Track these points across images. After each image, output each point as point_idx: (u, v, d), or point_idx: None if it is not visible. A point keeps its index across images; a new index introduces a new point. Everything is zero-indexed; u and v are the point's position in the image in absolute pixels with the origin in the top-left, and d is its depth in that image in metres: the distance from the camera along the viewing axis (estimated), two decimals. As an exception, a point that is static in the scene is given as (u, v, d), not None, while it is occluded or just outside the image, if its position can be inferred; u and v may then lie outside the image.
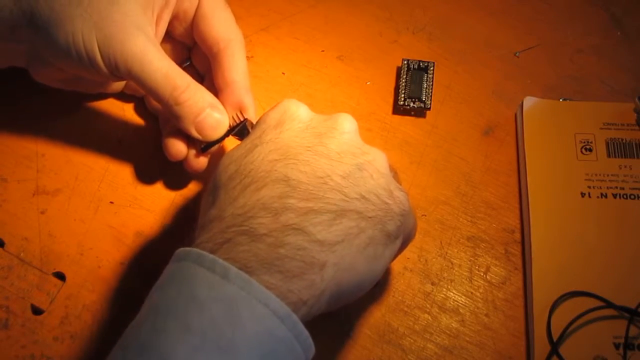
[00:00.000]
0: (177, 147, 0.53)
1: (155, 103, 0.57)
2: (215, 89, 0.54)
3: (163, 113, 0.57)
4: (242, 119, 0.52)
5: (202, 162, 0.54)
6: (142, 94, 0.59)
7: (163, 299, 0.39)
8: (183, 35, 0.55)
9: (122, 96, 0.60)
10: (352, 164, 0.43)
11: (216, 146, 0.52)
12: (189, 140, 0.53)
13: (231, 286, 0.37)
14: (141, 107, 0.60)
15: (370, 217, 0.42)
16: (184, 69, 0.52)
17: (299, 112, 0.46)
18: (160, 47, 0.49)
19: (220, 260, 0.38)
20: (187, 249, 0.40)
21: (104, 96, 0.60)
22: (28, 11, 0.47)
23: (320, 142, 0.44)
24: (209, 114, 0.51)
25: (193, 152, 0.53)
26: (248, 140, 0.45)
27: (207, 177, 0.56)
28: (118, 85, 0.59)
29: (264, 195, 0.41)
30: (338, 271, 0.41)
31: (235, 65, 0.53)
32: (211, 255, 0.38)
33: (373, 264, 0.43)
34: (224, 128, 0.52)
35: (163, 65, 0.48)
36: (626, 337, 0.50)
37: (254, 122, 0.51)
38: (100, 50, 0.47)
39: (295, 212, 0.40)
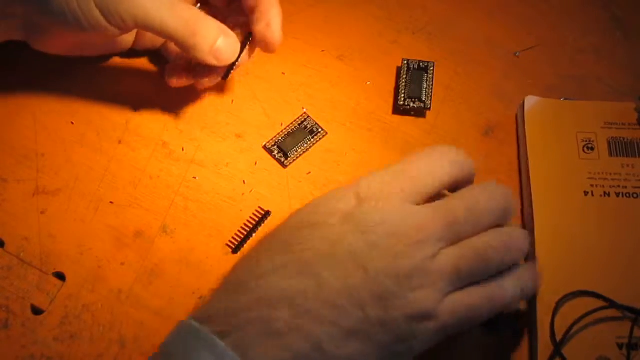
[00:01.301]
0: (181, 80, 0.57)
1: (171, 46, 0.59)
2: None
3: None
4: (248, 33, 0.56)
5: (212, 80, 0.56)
6: (154, 47, 0.60)
7: None
8: None
9: (122, 96, 0.60)
10: (387, 288, 0.41)
11: (235, 69, 0.56)
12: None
13: None
14: (141, 107, 0.60)
15: (380, 343, 0.41)
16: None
17: (379, 207, 0.43)
18: None
19: (230, 353, 0.38)
20: (197, 326, 0.40)
21: (109, 57, 0.61)
22: None
23: (367, 254, 0.41)
24: (223, 41, 0.52)
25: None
26: (321, 208, 0.44)
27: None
28: (126, 43, 0.59)
29: (293, 285, 0.40)
30: None
31: None
32: (221, 344, 0.39)
33: None
34: (237, 49, 0.54)
35: (170, 4, 0.49)
36: (630, 337, 0.50)
37: (278, 36, 0.55)
38: (101, 10, 0.47)
39: (314, 318, 0.40)
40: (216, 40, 0.52)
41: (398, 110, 0.61)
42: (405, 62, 0.62)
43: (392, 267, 0.41)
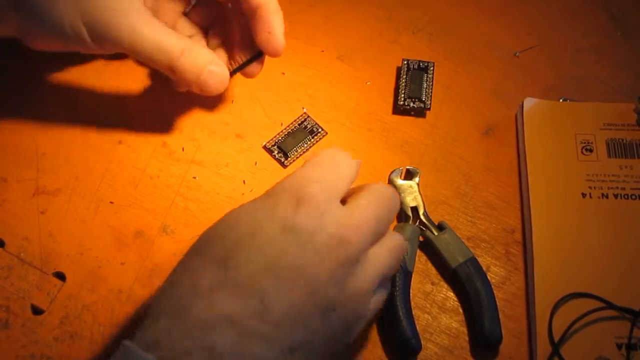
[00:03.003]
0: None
1: None
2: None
3: None
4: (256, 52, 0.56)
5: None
6: None
7: None
8: None
9: (122, 96, 0.60)
10: (330, 300, 0.41)
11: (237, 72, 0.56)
12: None
13: None
14: (141, 106, 0.60)
15: (319, 350, 0.41)
16: (193, 7, 0.54)
17: (315, 211, 0.42)
18: (149, 16, 0.49)
19: None
20: (141, 353, 0.38)
21: (109, 57, 0.61)
22: None
23: (312, 266, 0.41)
24: (209, 72, 0.51)
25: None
26: (253, 216, 0.42)
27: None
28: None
29: (236, 306, 0.39)
30: None
31: None
32: None
33: None
34: (226, 80, 0.53)
35: (154, 37, 0.49)
36: (630, 337, 0.50)
37: (281, 43, 0.54)
38: (89, 32, 0.47)
39: (258, 338, 0.39)
40: (202, 72, 0.51)
41: (398, 110, 0.61)
42: (405, 62, 0.62)
43: (336, 276, 0.41)
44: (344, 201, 0.44)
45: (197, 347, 0.38)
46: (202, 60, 0.51)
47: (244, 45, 0.56)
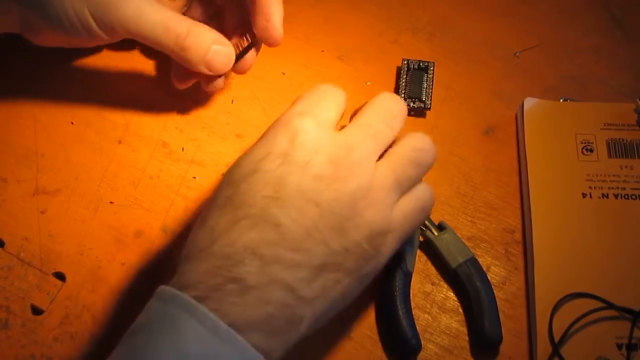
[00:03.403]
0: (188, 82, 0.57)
1: None
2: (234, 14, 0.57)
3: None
4: (249, 42, 0.55)
5: (218, 84, 0.56)
6: None
7: (150, 345, 0.38)
8: None
9: (122, 96, 0.60)
10: (342, 216, 0.42)
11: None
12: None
13: (222, 345, 0.38)
14: (141, 106, 0.60)
15: (349, 268, 0.42)
16: (192, 4, 0.54)
17: (309, 138, 0.43)
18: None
19: (211, 315, 0.38)
20: (175, 291, 0.40)
21: (109, 58, 0.61)
22: None
23: (315, 188, 0.42)
24: (215, 51, 0.53)
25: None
26: (252, 157, 0.44)
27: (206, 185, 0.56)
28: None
29: (254, 238, 0.40)
30: (312, 320, 0.41)
31: None
32: (202, 308, 0.38)
33: (346, 302, 0.44)
34: (232, 59, 0.54)
35: (161, 19, 0.49)
36: (630, 338, 0.50)
37: (279, 32, 0.54)
38: (95, 20, 0.47)
39: (283, 265, 0.40)
40: (208, 51, 0.52)
41: (398, 110, 0.61)
42: (405, 62, 0.62)
43: (342, 194, 0.42)
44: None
45: (227, 281, 0.39)
46: (207, 39, 0.52)
47: (240, 37, 0.56)
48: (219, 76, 0.56)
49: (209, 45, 0.52)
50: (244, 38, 0.56)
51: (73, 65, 0.60)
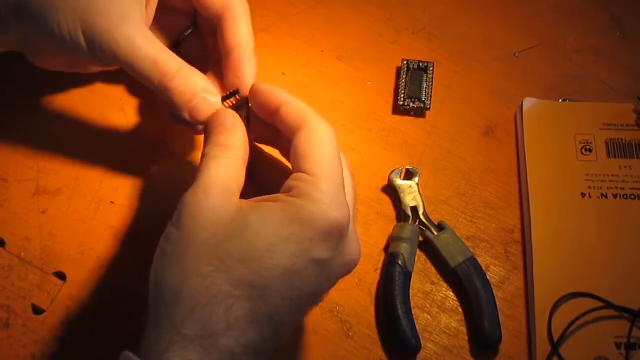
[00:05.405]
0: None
1: None
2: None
3: None
4: (233, 91, 0.49)
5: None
6: None
7: None
8: (181, 3, 0.53)
9: (122, 96, 0.60)
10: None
11: None
12: None
13: None
14: (141, 107, 0.60)
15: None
16: (186, 37, 0.52)
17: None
18: (148, 32, 0.48)
19: None
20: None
21: (103, 74, 0.59)
22: (13, 3, 0.46)
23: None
24: (202, 99, 0.48)
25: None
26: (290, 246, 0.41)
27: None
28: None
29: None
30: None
31: (237, 29, 0.51)
32: None
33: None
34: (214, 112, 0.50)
35: (151, 52, 0.47)
36: (629, 337, 0.50)
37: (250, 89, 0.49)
38: (87, 42, 0.46)
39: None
40: (194, 98, 0.48)
41: (398, 110, 0.61)
42: (405, 62, 0.62)
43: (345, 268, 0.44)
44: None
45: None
46: (196, 85, 0.48)
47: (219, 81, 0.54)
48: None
49: (197, 92, 0.48)
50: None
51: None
